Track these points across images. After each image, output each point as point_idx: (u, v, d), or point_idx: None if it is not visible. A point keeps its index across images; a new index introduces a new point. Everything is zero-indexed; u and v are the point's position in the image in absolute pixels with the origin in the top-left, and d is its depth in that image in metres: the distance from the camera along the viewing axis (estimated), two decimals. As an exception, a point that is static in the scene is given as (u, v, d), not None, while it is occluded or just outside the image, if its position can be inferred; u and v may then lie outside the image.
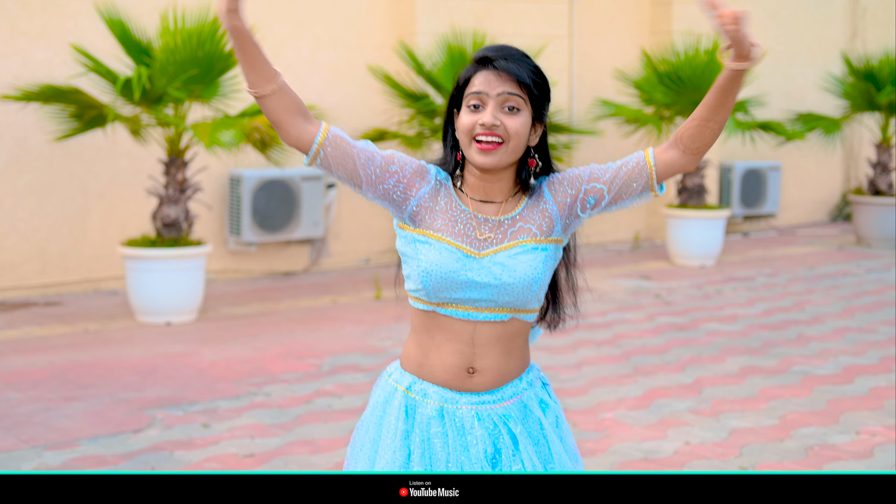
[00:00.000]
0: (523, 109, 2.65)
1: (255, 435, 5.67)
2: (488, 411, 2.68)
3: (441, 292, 2.65)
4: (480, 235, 2.68)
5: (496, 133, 2.62)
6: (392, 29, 10.95)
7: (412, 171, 2.71)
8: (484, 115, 2.62)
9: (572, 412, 6.01)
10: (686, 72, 11.08)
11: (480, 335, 2.68)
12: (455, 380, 2.68)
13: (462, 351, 2.67)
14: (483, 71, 2.66)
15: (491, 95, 2.63)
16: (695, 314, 8.69)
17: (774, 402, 6.19)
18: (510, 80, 2.63)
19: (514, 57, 2.66)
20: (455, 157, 2.75)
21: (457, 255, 2.64)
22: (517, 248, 2.67)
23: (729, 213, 11.59)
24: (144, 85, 7.99)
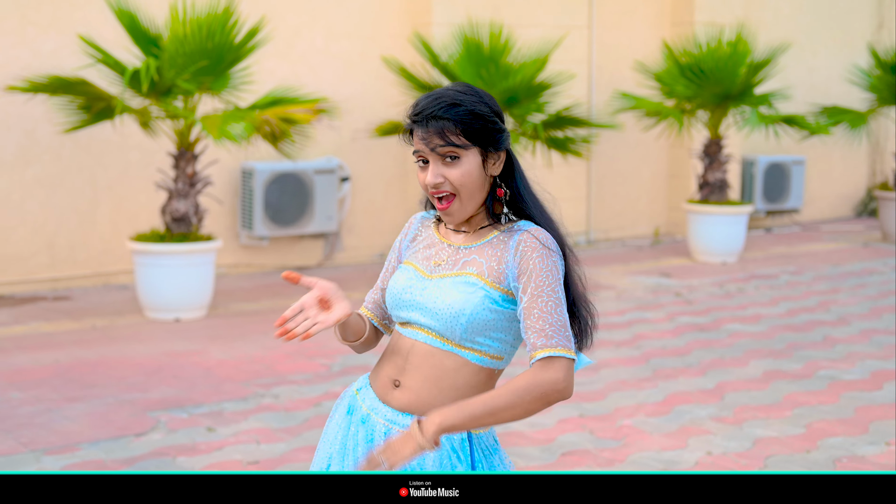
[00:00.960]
0: (463, 156, 2.59)
1: (261, 440, 5.48)
2: (394, 432, 2.63)
3: (395, 310, 2.71)
4: (438, 260, 2.70)
5: (443, 189, 2.60)
6: (407, 19, 10.73)
7: (402, 235, 2.85)
8: (428, 173, 2.61)
9: (589, 418, 5.81)
10: (708, 64, 10.83)
11: (414, 353, 2.65)
12: (382, 388, 2.69)
13: (396, 363, 2.68)
14: (418, 128, 2.63)
15: (428, 153, 2.61)
16: (716, 314, 8.47)
17: (800, 410, 5.96)
18: (438, 138, 2.59)
19: (440, 109, 2.58)
20: None
21: (411, 276, 2.69)
22: (459, 277, 2.63)
23: (751, 209, 11.35)
24: (153, 76, 7.80)
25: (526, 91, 9.59)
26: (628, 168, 12.48)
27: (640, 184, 12.61)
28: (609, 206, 12.36)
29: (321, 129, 9.71)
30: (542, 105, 9.83)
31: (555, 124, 10.00)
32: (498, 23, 10.15)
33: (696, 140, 12.24)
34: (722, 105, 11.04)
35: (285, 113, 8.18)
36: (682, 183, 12.63)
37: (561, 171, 11.37)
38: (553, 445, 5.38)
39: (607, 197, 12.34)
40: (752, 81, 10.96)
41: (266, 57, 9.50)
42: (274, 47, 9.68)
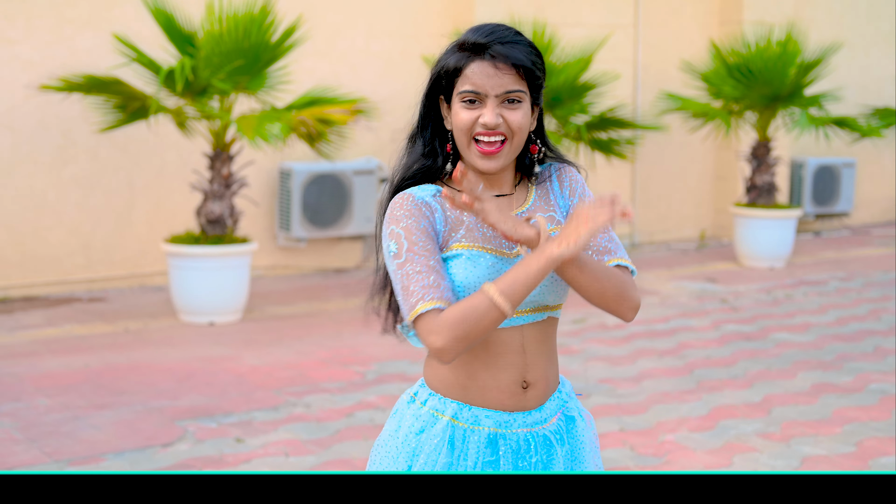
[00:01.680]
0: (524, 100, 2.38)
1: (290, 452, 5.32)
2: (542, 433, 2.43)
3: None
4: None
5: (499, 132, 2.36)
6: (448, 17, 10.55)
7: (425, 215, 2.39)
8: (484, 112, 2.35)
9: (630, 432, 5.60)
10: (757, 64, 10.57)
11: (529, 341, 2.43)
12: (510, 399, 2.41)
13: (514, 363, 2.41)
14: (476, 61, 2.36)
15: (490, 94, 2.35)
16: (763, 322, 8.22)
17: (850, 426, 5.72)
18: (509, 72, 2.34)
19: (509, 39, 2.36)
20: (445, 150, 2.47)
21: (489, 260, 2.38)
22: None
23: (801, 213, 11.07)
24: (187, 76, 7.67)
25: (569, 91, 9.38)
26: (674, 170, 12.24)
27: (685, 186, 12.36)
28: (654, 208, 12.12)
29: (360, 130, 9.55)
30: (585, 106, 9.62)
31: (598, 126, 9.78)
32: (541, 21, 9.95)
33: (743, 142, 11.97)
34: (771, 106, 10.77)
35: (322, 114, 8.03)
36: (729, 185, 12.36)
37: (604, 173, 11.15)
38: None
39: (652, 199, 12.10)
40: (802, 82, 10.68)
41: (305, 56, 9.35)
42: (313, 46, 9.54)
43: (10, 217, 8.77)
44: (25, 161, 8.79)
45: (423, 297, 2.28)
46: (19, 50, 8.67)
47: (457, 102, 2.37)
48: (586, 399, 6.17)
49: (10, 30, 8.63)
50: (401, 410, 2.52)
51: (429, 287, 2.28)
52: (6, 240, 8.77)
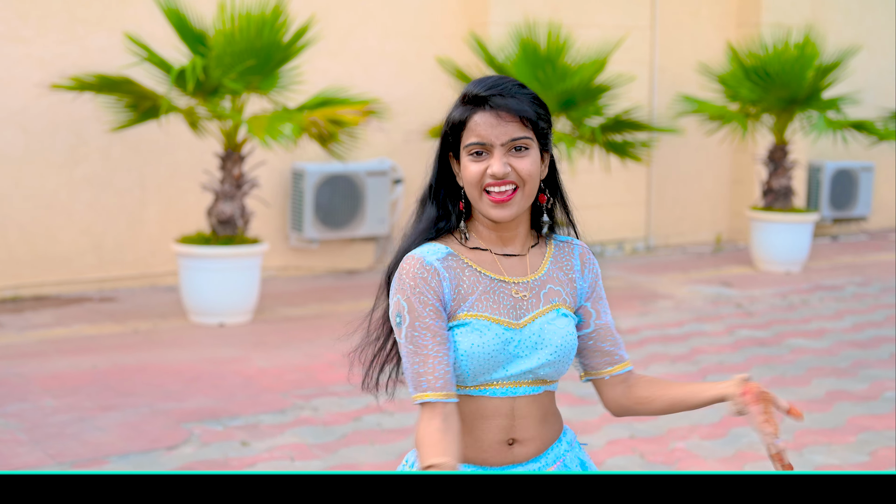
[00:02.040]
0: (531, 147, 2.35)
1: (296, 456, 5.27)
2: None
3: (481, 375, 2.36)
4: (515, 298, 2.39)
5: (508, 181, 2.33)
6: (464, 18, 10.49)
7: (432, 285, 2.35)
8: (492, 163, 2.33)
9: (640, 440, 5.53)
10: (774, 67, 10.47)
11: (519, 409, 2.41)
12: (496, 455, 2.40)
13: (501, 426, 2.39)
14: (480, 113, 2.33)
15: (495, 143, 2.32)
16: (778, 327, 8.13)
17: (864, 435, 5.63)
18: (513, 120, 2.32)
19: (510, 91, 2.34)
20: (458, 207, 2.43)
21: (497, 331, 2.36)
22: (551, 313, 2.41)
23: (817, 217, 10.96)
24: (198, 76, 7.62)
25: (584, 93, 9.30)
26: (690, 173, 12.15)
27: (701, 189, 12.27)
28: (669, 211, 12.04)
29: (372, 131, 9.49)
30: (600, 108, 9.54)
31: (613, 128, 9.70)
32: (556, 23, 9.88)
33: (760, 145, 11.87)
34: (788, 109, 10.67)
35: (334, 114, 7.97)
36: (745, 189, 12.27)
37: (619, 175, 11.08)
38: (601, 469, 5.12)
39: (668, 202, 12.01)
40: (820, 85, 10.58)
41: (319, 56, 9.30)
42: (327, 46, 9.49)
43: (22, 216, 8.74)
44: (37, 160, 8.76)
45: (434, 387, 2.27)
46: (32, 49, 8.64)
47: (465, 156, 2.36)
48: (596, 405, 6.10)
49: (23, 28, 8.61)
50: None
51: (440, 377, 2.28)
52: (18, 239, 8.75)
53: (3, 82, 8.58)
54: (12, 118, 8.64)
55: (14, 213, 8.72)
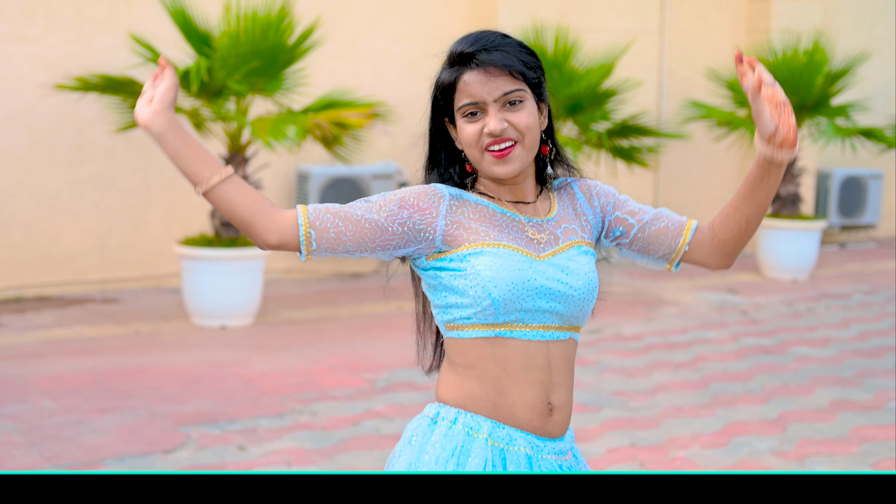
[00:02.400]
0: (526, 99, 2.29)
1: (293, 461, 5.23)
2: (565, 464, 2.36)
3: (513, 304, 2.25)
4: (533, 236, 2.33)
5: (507, 136, 2.27)
6: (472, 21, 10.44)
7: (424, 195, 2.31)
8: (488, 120, 2.27)
9: (641, 448, 5.48)
10: (784, 73, 10.42)
11: (555, 359, 2.33)
12: (538, 419, 2.31)
13: (541, 380, 2.31)
14: (468, 72, 2.28)
15: (488, 100, 2.26)
16: (783, 335, 8.07)
17: (868, 446, 5.58)
18: (502, 74, 2.26)
19: (494, 44, 2.29)
20: (465, 169, 2.39)
21: (519, 258, 2.27)
22: (572, 249, 2.35)
23: (825, 225, 10.89)
24: (203, 77, 7.59)
25: (590, 98, 9.26)
26: (698, 178, 12.09)
27: (709, 195, 12.21)
28: (677, 217, 11.97)
29: (377, 137, 9.46)
30: (607, 113, 9.50)
31: (620, 133, 9.65)
32: (564, 26, 9.83)
33: (769, 151, 11.79)
34: (796, 115, 10.61)
35: (338, 117, 7.94)
36: (753, 195, 12.19)
37: (626, 180, 11.02)
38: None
39: (675, 208, 11.95)
40: (829, 92, 10.52)
41: (326, 57, 9.27)
42: (334, 48, 9.46)
43: (26, 216, 8.72)
44: (42, 160, 8.74)
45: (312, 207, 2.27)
46: (38, 48, 8.62)
47: (459, 119, 2.31)
48: (597, 412, 6.06)
49: (29, 28, 8.59)
50: (421, 436, 2.34)
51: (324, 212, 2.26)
52: (21, 239, 8.73)
53: (8, 81, 8.57)
54: (18, 117, 8.62)
55: (18, 212, 8.70)
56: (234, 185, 2.21)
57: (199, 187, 2.21)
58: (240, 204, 2.21)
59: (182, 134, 2.22)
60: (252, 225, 2.22)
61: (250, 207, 2.21)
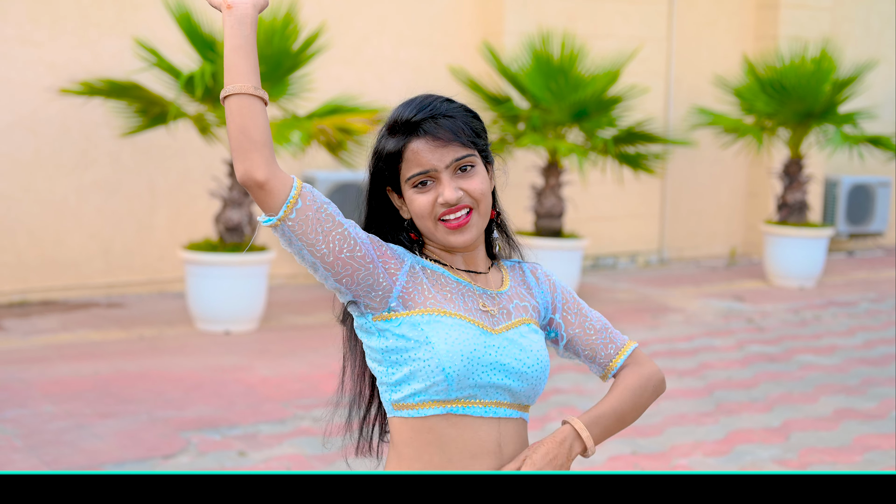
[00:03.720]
0: (477, 164, 2.20)
1: (292, 467, 5.21)
2: None
3: (467, 379, 2.15)
4: (485, 308, 2.22)
5: (463, 204, 2.18)
6: (478, 27, 10.44)
7: (392, 251, 2.20)
8: (442, 189, 2.17)
9: (643, 455, 5.45)
10: (791, 80, 10.39)
11: (506, 442, 2.22)
12: None
13: (490, 466, 2.19)
14: (415, 140, 2.17)
15: (440, 169, 2.17)
16: (789, 343, 8.04)
17: (871, 455, 5.54)
18: (451, 140, 2.16)
19: (441, 111, 2.18)
20: (410, 237, 2.27)
21: (474, 331, 2.17)
22: (523, 326, 2.25)
23: (832, 232, 10.86)
24: (207, 82, 7.59)
25: (596, 104, 9.24)
26: (705, 186, 12.06)
27: (716, 202, 12.18)
28: (684, 224, 11.95)
29: (382, 142, 9.45)
30: (613, 119, 9.48)
31: (626, 139, 9.63)
32: (571, 33, 9.82)
33: (775, 159, 11.79)
34: (804, 123, 10.58)
35: (343, 123, 7.93)
36: (760, 202, 12.17)
37: (633, 187, 11.00)
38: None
39: (682, 215, 11.93)
40: (837, 99, 10.49)
41: (332, 63, 9.27)
42: (340, 53, 9.46)
43: (31, 220, 8.73)
44: (47, 165, 8.75)
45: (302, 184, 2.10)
46: (44, 53, 8.63)
47: (408, 189, 2.20)
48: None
49: (35, 32, 8.60)
50: None
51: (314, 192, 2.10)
52: (26, 243, 8.73)
53: (14, 86, 8.57)
54: (23, 122, 8.62)
55: (23, 217, 8.70)
56: (264, 109, 2.09)
57: (238, 86, 2.06)
58: (260, 126, 2.06)
59: (254, 31, 2.11)
60: (252, 151, 2.05)
61: (263, 136, 2.06)
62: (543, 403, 6.25)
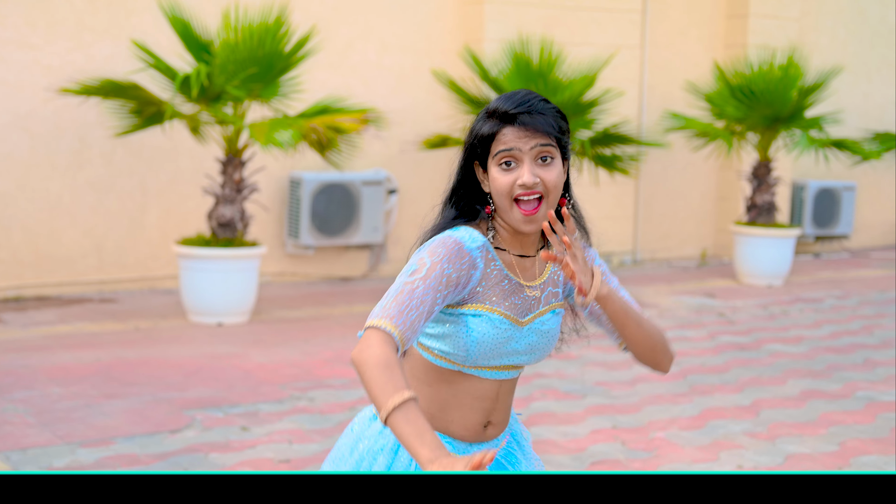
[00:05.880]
0: (556, 157, 2.52)
1: (294, 440, 5.53)
2: (499, 454, 2.68)
3: (482, 360, 2.54)
4: (524, 300, 2.58)
5: (536, 190, 2.49)
6: (460, 34, 10.80)
7: (461, 270, 2.48)
8: (521, 173, 2.47)
9: (622, 429, 5.80)
10: (759, 86, 10.80)
11: (503, 391, 2.63)
12: (471, 435, 2.61)
13: (484, 408, 2.60)
14: (509, 127, 2.50)
15: (524, 150, 2.48)
16: (758, 334, 8.42)
17: (835, 428, 5.92)
18: (540, 134, 2.49)
19: (536, 108, 2.51)
20: (485, 211, 2.60)
21: (506, 327, 2.54)
22: (548, 314, 2.63)
23: (799, 233, 11.26)
24: (203, 82, 7.91)
25: (574, 107, 9.60)
26: (677, 189, 12.45)
27: (688, 205, 12.57)
28: (656, 226, 12.33)
29: (370, 142, 9.79)
30: (589, 122, 9.84)
31: (603, 141, 10.01)
32: (549, 39, 10.18)
33: (745, 162, 12.19)
34: (772, 127, 10.99)
35: (333, 122, 8.26)
36: (731, 206, 12.57)
37: (608, 190, 11.37)
38: (584, 455, 5.38)
39: (655, 217, 12.31)
40: (803, 104, 10.91)
41: (318, 68, 9.60)
42: (326, 59, 9.78)
43: (26, 218, 9.00)
44: (42, 163, 9.03)
45: (388, 317, 2.33)
46: (40, 55, 8.92)
47: (493, 166, 2.49)
48: (581, 399, 6.38)
49: (31, 35, 8.89)
50: (360, 427, 2.65)
51: (402, 316, 2.33)
52: (21, 240, 9.00)
53: (11, 87, 8.86)
54: (19, 122, 8.91)
55: (18, 214, 8.97)
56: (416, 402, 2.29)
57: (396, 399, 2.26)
58: None
59: None
60: None
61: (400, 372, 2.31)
62: (527, 385, 6.60)
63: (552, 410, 6.13)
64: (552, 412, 6.09)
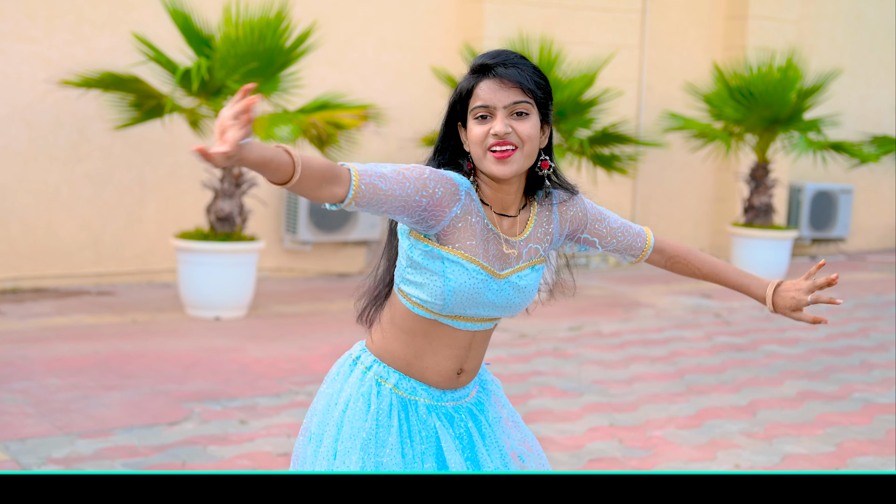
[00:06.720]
0: (531, 113, 2.60)
1: (292, 434, 5.53)
2: (466, 405, 2.78)
3: (457, 309, 2.64)
4: (503, 256, 2.67)
5: (509, 141, 2.57)
6: (459, 32, 10.80)
7: (444, 192, 2.55)
8: (495, 124, 2.57)
9: (620, 427, 5.81)
10: (758, 87, 10.82)
11: (476, 341, 2.74)
12: (445, 381, 2.72)
13: (458, 356, 2.72)
14: (485, 80, 2.60)
15: (498, 107, 2.57)
16: (755, 335, 8.43)
17: (832, 429, 5.93)
18: (514, 88, 2.58)
19: (513, 62, 2.61)
20: (466, 167, 2.68)
21: (483, 277, 2.63)
22: (527, 269, 2.72)
23: (796, 235, 11.28)
24: (203, 76, 7.91)
25: (573, 106, 9.62)
26: (674, 190, 12.47)
27: (685, 206, 12.59)
28: (654, 226, 12.34)
29: (369, 138, 9.79)
30: (588, 121, 9.85)
31: (601, 141, 10.02)
32: (549, 39, 10.19)
33: (743, 164, 12.21)
34: (770, 129, 11.01)
35: (333, 117, 8.26)
36: (728, 207, 12.59)
37: (606, 190, 11.38)
38: (581, 452, 5.39)
39: (652, 217, 12.32)
40: (802, 106, 10.93)
41: (317, 64, 9.60)
42: (325, 55, 9.78)
43: (24, 210, 9.00)
44: (41, 156, 9.02)
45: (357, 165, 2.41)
46: (39, 48, 8.92)
47: (470, 120, 2.59)
48: (578, 397, 6.39)
49: (31, 28, 8.88)
50: (342, 373, 2.77)
51: (369, 172, 2.40)
52: (19, 232, 9.00)
53: (10, 79, 8.85)
54: (18, 114, 8.90)
55: (17, 206, 8.97)
56: (305, 175, 2.30)
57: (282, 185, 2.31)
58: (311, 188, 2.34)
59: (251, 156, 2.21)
60: (319, 199, 2.38)
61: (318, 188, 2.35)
62: (524, 383, 6.61)
63: (549, 408, 6.14)
64: (549, 409, 6.10)
